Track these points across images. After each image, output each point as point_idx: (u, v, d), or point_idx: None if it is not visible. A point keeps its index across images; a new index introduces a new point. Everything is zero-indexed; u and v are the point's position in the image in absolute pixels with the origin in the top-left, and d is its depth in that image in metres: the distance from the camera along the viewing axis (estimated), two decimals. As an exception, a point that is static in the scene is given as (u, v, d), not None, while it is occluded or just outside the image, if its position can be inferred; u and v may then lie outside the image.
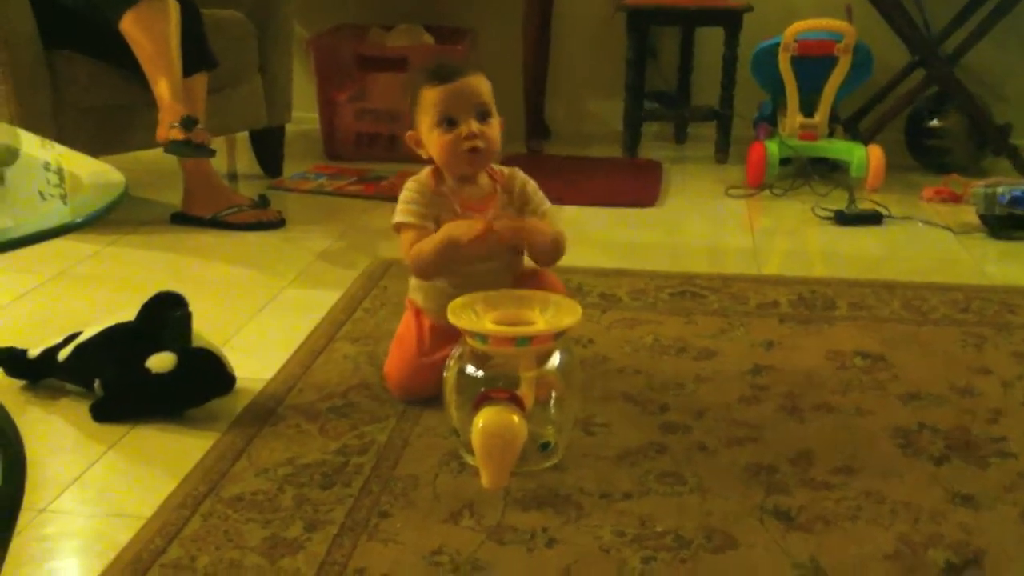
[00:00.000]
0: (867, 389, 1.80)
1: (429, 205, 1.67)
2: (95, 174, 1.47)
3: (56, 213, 1.51)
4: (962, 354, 1.95)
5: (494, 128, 1.66)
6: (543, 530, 1.37)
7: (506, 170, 1.74)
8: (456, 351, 1.54)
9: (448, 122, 1.63)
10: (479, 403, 1.43)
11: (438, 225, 1.65)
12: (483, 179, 1.71)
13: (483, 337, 1.47)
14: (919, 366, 1.89)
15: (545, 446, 1.53)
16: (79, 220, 1.27)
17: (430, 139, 1.66)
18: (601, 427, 1.65)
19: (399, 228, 1.69)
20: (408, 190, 1.69)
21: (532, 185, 1.73)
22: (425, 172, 1.71)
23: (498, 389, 1.45)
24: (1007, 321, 2.10)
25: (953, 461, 1.56)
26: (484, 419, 1.40)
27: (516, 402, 1.42)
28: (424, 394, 1.68)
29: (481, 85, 1.66)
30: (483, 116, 1.65)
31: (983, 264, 2.51)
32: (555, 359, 1.52)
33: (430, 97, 1.64)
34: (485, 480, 1.42)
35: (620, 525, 1.39)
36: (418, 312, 1.76)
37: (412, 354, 1.72)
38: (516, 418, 1.40)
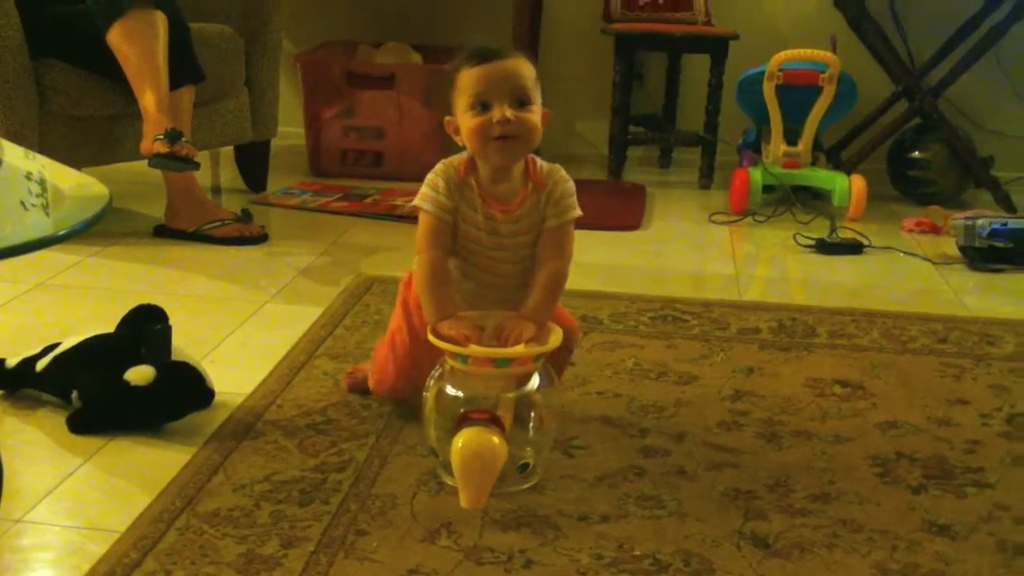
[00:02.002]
0: (845, 417, 1.81)
1: (451, 193, 1.57)
2: (79, 186, 1.47)
3: (38, 224, 1.51)
4: (940, 384, 1.96)
5: (533, 115, 1.54)
6: (520, 552, 1.37)
7: (546, 167, 1.62)
8: (436, 371, 1.54)
9: (482, 105, 1.52)
10: (459, 423, 1.43)
11: (457, 218, 1.58)
12: (517, 172, 1.59)
13: (463, 357, 1.47)
14: (898, 395, 1.90)
15: (524, 467, 1.53)
16: (62, 232, 1.27)
17: (463, 123, 1.55)
18: (580, 449, 1.65)
19: (416, 211, 1.61)
20: (434, 172, 1.59)
21: (565, 188, 1.61)
22: (459, 157, 1.59)
23: (478, 409, 1.44)
24: (985, 352, 2.12)
25: (930, 490, 1.57)
26: (464, 440, 1.40)
27: (496, 423, 1.42)
28: (411, 392, 1.68)
29: (522, 68, 1.55)
30: (521, 103, 1.53)
31: (962, 295, 2.53)
32: (535, 381, 1.52)
33: (466, 78, 1.54)
34: (464, 500, 1.41)
35: (598, 548, 1.38)
36: (408, 309, 1.69)
37: (405, 352, 1.68)
38: (496, 439, 1.40)
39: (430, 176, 1.59)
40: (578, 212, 1.62)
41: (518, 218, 1.59)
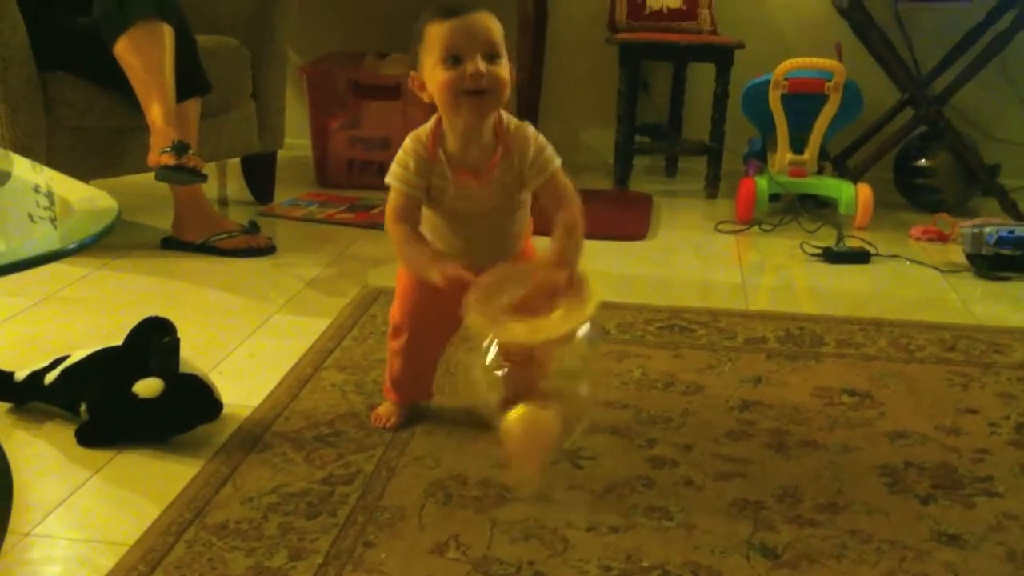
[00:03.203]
0: (854, 426, 1.80)
1: (420, 171, 1.57)
2: (87, 200, 1.47)
3: (46, 236, 1.51)
4: (948, 393, 1.96)
5: (503, 70, 1.52)
6: (529, 563, 1.37)
7: (514, 123, 1.59)
8: (481, 343, 1.49)
9: (453, 59, 1.50)
10: (510, 401, 1.44)
11: (430, 190, 1.58)
12: (487, 136, 1.57)
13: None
14: (906, 404, 1.90)
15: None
16: (71, 246, 1.27)
17: (432, 78, 1.52)
18: (588, 460, 1.65)
19: (388, 186, 1.61)
20: (404, 150, 1.59)
21: (537, 145, 1.58)
22: (425, 130, 1.59)
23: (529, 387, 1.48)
24: (993, 361, 2.11)
25: (939, 500, 1.57)
26: (519, 418, 1.41)
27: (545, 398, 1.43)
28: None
29: (492, 23, 1.53)
30: (491, 57, 1.51)
31: (970, 303, 2.52)
32: (584, 329, 1.48)
33: (435, 32, 1.51)
34: (518, 476, 1.41)
35: (606, 559, 1.38)
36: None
37: (407, 292, 1.69)
38: (549, 415, 1.41)
39: (400, 154, 1.59)
40: (558, 161, 1.59)
41: (491, 182, 1.58)
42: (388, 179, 1.59)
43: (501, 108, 1.57)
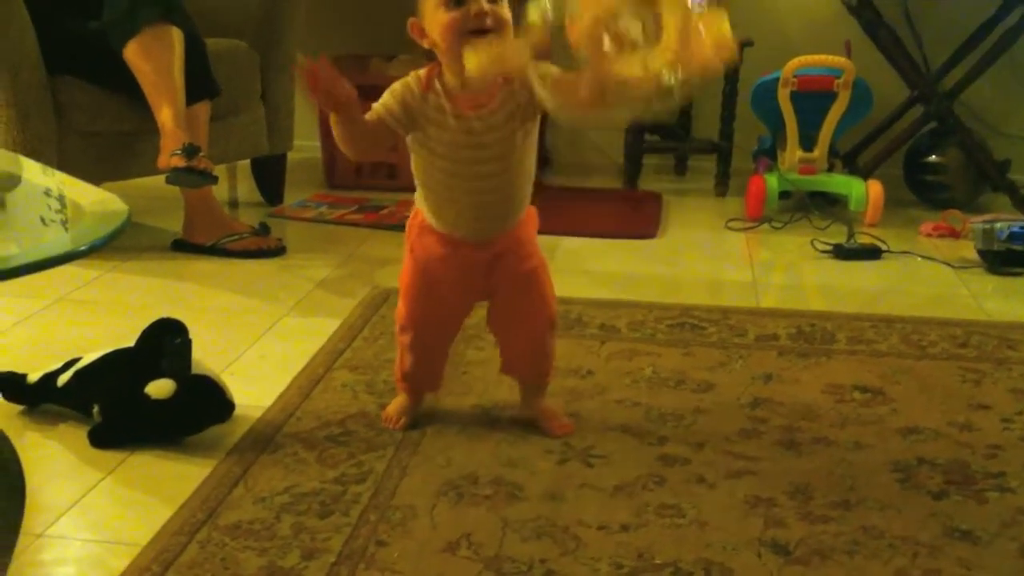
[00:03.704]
0: (865, 423, 1.80)
1: (407, 108, 1.56)
2: (98, 202, 1.48)
3: (58, 239, 1.52)
4: (960, 389, 1.95)
5: (504, 9, 1.50)
6: (541, 561, 1.37)
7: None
8: None
9: (455, 1, 1.49)
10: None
11: (428, 140, 1.57)
12: None
13: None
14: (917, 401, 1.89)
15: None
16: (83, 248, 1.28)
17: (433, 20, 1.51)
18: (599, 458, 1.65)
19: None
20: (391, 92, 1.57)
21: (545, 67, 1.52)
22: (419, 73, 1.57)
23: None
24: (1005, 356, 2.11)
25: (952, 496, 1.56)
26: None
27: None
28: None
29: None
30: None
31: (981, 299, 2.51)
32: None
33: None
34: None
35: (618, 557, 1.38)
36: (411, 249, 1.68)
37: (410, 283, 1.68)
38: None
39: (387, 95, 1.57)
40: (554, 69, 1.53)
41: (492, 112, 1.56)
42: (374, 108, 1.58)
43: None
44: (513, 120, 1.56)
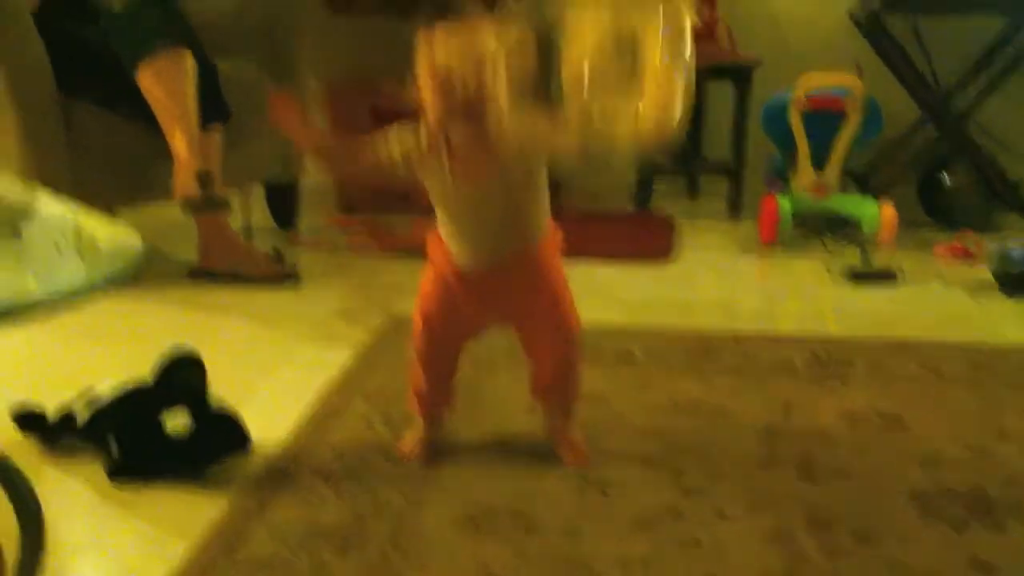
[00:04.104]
0: (884, 451, 1.79)
1: (408, 159, 1.57)
2: (114, 236, 1.48)
3: (74, 272, 1.52)
4: (980, 415, 1.94)
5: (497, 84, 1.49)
6: (560, 597, 1.36)
7: None
8: None
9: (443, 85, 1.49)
10: None
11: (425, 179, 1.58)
12: None
13: None
14: (936, 427, 1.88)
15: None
16: (99, 283, 1.28)
17: (428, 90, 1.53)
18: (617, 490, 1.64)
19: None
20: (395, 137, 1.59)
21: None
22: (418, 129, 1.58)
23: None
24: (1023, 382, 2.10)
25: (972, 526, 1.55)
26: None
27: None
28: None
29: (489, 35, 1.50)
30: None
31: (998, 323, 2.50)
32: None
33: (431, 43, 1.53)
34: None
35: (638, 592, 1.37)
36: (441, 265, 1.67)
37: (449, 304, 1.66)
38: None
39: (391, 141, 1.58)
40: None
41: (489, 183, 1.56)
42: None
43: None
44: (513, 184, 1.57)
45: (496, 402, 1.94)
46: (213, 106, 2.72)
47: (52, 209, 1.84)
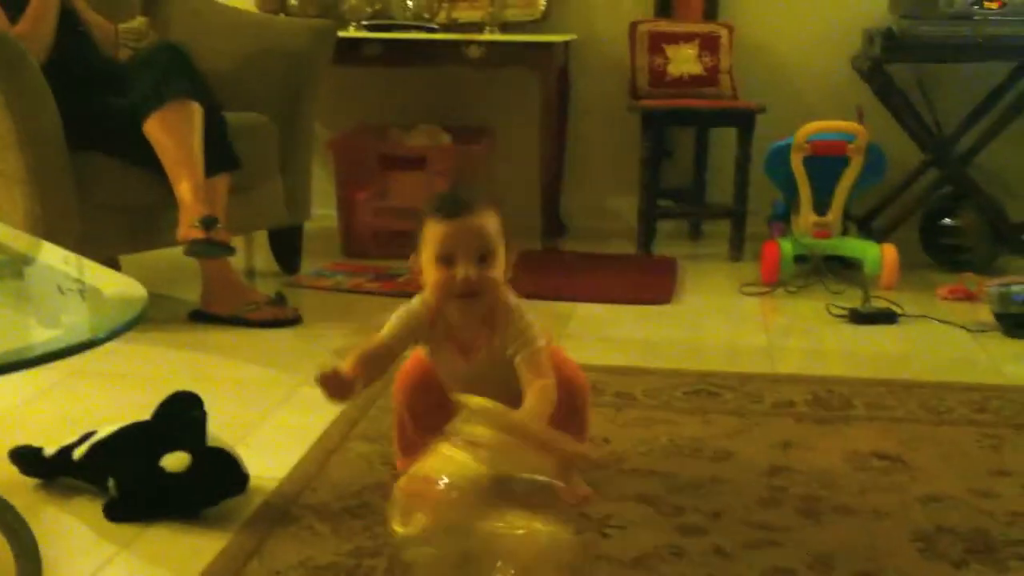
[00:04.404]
0: (885, 491, 1.78)
1: (413, 332, 1.66)
2: (117, 287, 1.49)
3: (76, 310, 1.53)
4: (980, 455, 1.93)
5: (495, 270, 1.59)
6: (558, 635, 1.35)
7: (508, 305, 1.63)
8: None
9: (446, 260, 1.58)
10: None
11: (430, 352, 1.68)
12: (479, 320, 1.64)
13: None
14: (937, 467, 1.88)
15: None
16: (102, 336, 1.29)
17: (427, 273, 1.61)
18: (617, 529, 1.64)
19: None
20: (399, 315, 1.66)
21: (524, 322, 1.62)
22: (422, 302, 1.65)
23: None
24: (1025, 421, 2.09)
25: (972, 565, 1.54)
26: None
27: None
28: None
29: (487, 225, 1.59)
30: (483, 259, 1.58)
31: (1000, 363, 2.50)
32: None
33: (432, 232, 1.59)
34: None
35: (636, 630, 1.37)
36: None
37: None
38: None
39: (395, 320, 1.67)
40: (542, 342, 1.63)
41: (479, 362, 1.65)
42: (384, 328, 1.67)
43: (491, 306, 1.63)
44: (501, 363, 1.62)
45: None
46: (221, 155, 2.75)
47: (54, 257, 1.86)
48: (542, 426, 1.49)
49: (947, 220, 3.34)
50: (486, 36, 3.51)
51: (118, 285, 1.46)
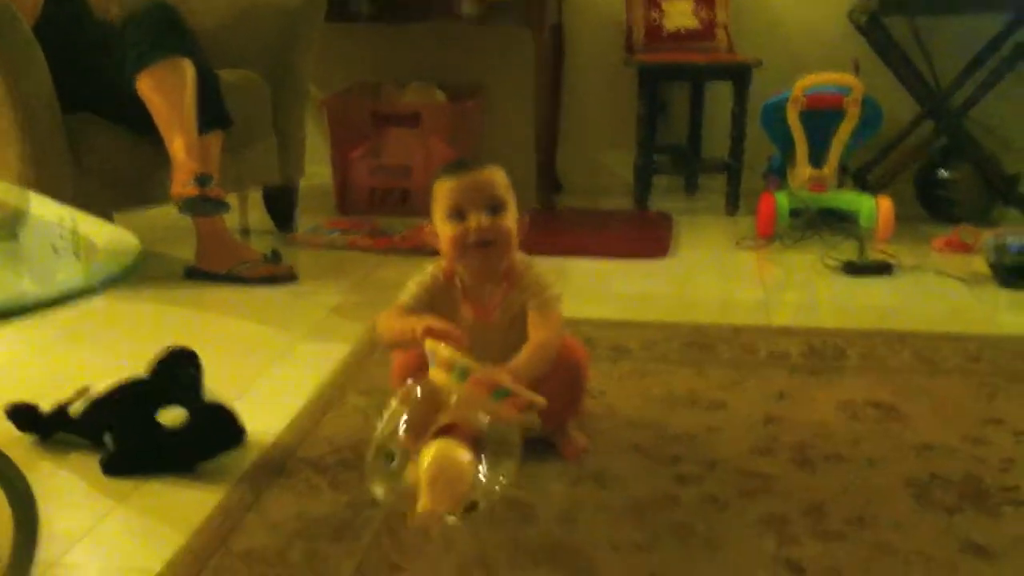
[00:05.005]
0: (879, 440, 1.79)
1: (432, 296, 1.66)
2: (111, 238, 1.49)
3: (71, 275, 1.53)
4: (974, 404, 1.94)
5: (507, 221, 1.61)
6: (553, 583, 1.36)
7: (521, 265, 1.66)
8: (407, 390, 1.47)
9: (458, 215, 1.60)
10: (440, 433, 1.37)
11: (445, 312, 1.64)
12: (496, 278, 1.66)
13: (464, 372, 1.41)
14: (931, 416, 1.89)
15: (471, 506, 1.39)
16: (96, 285, 1.29)
17: (441, 232, 1.63)
18: (612, 479, 1.65)
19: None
20: (414, 281, 1.68)
21: (534, 274, 1.66)
22: (439, 266, 1.67)
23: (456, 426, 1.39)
24: (1019, 370, 2.10)
25: (966, 511, 1.55)
26: (438, 449, 1.35)
27: (474, 445, 1.37)
28: None
29: (495, 177, 1.62)
30: (495, 210, 1.60)
31: (994, 314, 2.50)
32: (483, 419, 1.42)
33: (442, 189, 1.62)
34: (423, 505, 1.33)
35: (631, 577, 1.38)
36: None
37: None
38: (467, 457, 1.35)
39: (414, 285, 1.67)
40: (556, 291, 1.66)
41: (496, 322, 1.66)
42: (400, 299, 1.68)
43: (509, 256, 1.64)
44: (514, 322, 1.65)
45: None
46: (213, 113, 2.73)
47: (49, 212, 1.85)
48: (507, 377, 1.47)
49: (942, 172, 3.33)
50: (480, -9, 3.47)
51: (112, 236, 1.46)
